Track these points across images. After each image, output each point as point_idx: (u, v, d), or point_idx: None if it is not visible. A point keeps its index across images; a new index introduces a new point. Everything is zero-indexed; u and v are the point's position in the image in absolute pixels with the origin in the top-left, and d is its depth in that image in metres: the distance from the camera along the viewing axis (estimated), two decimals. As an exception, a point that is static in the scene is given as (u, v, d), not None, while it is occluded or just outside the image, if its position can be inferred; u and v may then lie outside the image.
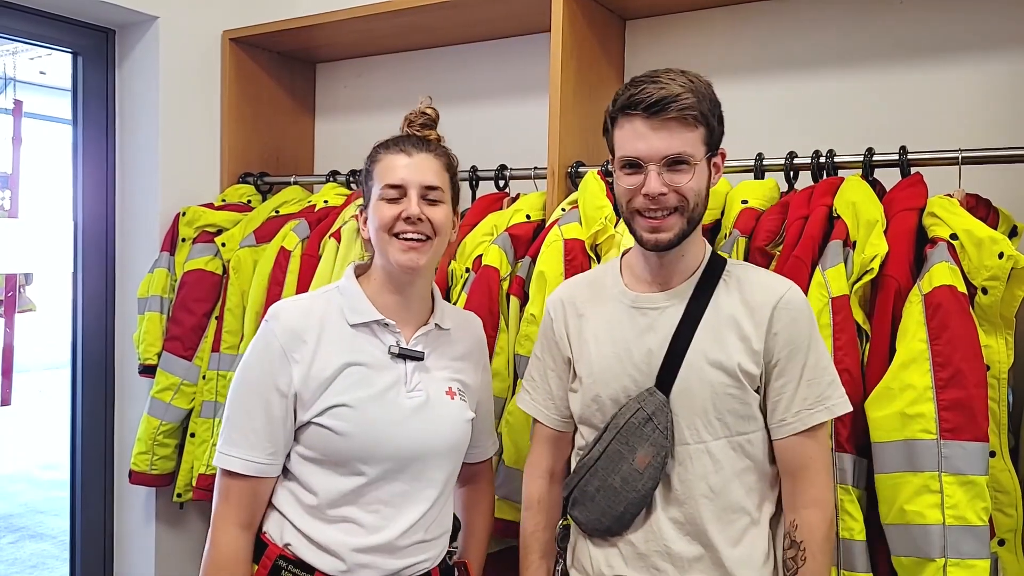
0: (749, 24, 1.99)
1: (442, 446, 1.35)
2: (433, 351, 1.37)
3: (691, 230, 1.25)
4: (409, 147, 1.33)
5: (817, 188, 1.60)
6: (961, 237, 1.38)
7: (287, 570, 1.29)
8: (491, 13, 2.13)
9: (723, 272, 1.30)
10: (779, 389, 1.26)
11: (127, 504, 2.45)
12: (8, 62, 6.13)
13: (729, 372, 1.24)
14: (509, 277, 1.79)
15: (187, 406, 2.24)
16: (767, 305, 1.26)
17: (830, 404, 1.26)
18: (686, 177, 1.21)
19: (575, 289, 1.42)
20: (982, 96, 1.74)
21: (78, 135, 2.40)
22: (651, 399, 1.26)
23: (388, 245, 1.30)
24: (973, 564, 1.27)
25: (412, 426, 1.31)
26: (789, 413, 1.25)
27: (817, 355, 1.26)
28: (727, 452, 1.26)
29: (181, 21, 2.39)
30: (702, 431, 1.26)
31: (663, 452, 1.25)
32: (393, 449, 1.29)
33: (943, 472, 1.29)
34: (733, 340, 1.25)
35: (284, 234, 2.14)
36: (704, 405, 1.25)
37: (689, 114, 1.19)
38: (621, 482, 1.28)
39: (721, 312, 1.27)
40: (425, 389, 1.34)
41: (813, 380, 1.25)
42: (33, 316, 6.49)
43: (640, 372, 1.28)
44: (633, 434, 1.27)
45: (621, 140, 1.25)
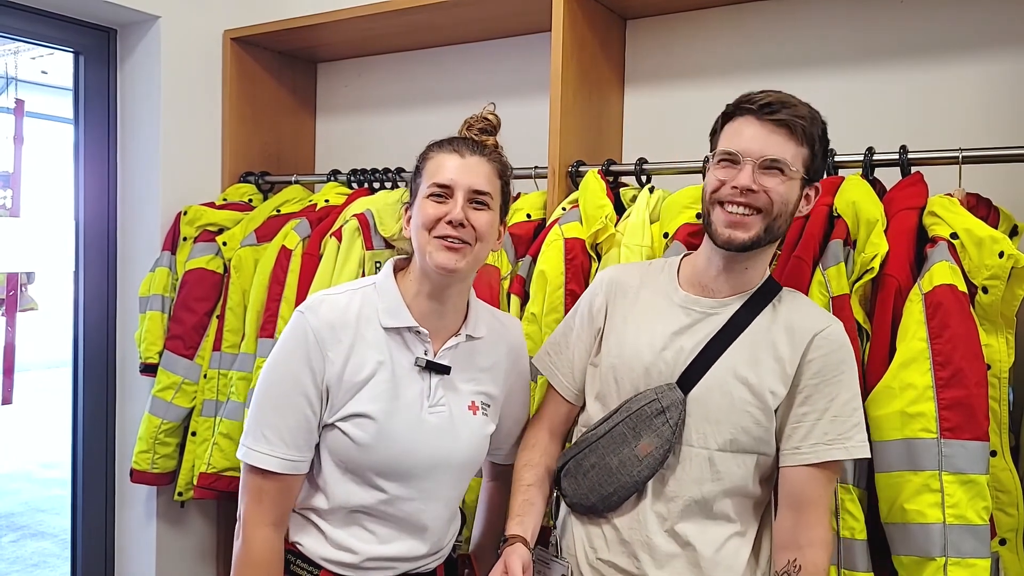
0: (749, 24, 1.99)
1: (457, 463, 1.33)
2: (460, 363, 1.33)
3: (767, 240, 1.25)
4: (463, 149, 1.30)
5: (817, 187, 1.60)
6: (961, 236, 1.38)
7: (296, 564, 1.29)
8: (491, 12, 2.13)
9: (776, 296, 1.31)
10: (800, 416, 1.25)
11: (128, 503, 2.46)
12: (10, 61, 6.13)
13: (755, 391, 1.25)
14: (510, 276, 1.80)
15: (188, 405, 2.24)
16: (808, 332, 1.26)
17: (849, 445, 1.24)
18: (776, 183, 1.22)
19: (627, 273, 1.43)
20: (982, 96, 1.74)
21: (80, 134, 2.41)
22: (669, 393, 1.28)
23: (427, 244, 1.25)
24: (974, 563, 1.27)
25: (431, 443, 1.29)
26: (806, 443, 1.24)
27: (849, 394, 1.25)
28: (729, 467, 1.27)
29: (182, 20, 2.40)
30: (710, 438, 1.27)
31: (666, 446, 1.27)
32: (410, 465, 1.27)
33: (943, 471, 1.29)
34: (768, 361, 1.26)
35: (285, 233, 2.14)
36: (719, 415, 1.26)
37: (799, 124, 1.22)
38: (618, 464, 1.30)
39: (762, 332, 1.27)
40: (448, 404, 1.31)
41: (838, 417, 1.24)
42: (35, 315, 6.50)
43: (667, 365, 1.30)
44: (643, 422, 1.28)
45: (726, 136, 1.27)
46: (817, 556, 1.22)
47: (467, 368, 1.34)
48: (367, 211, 2.03)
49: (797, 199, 1.26)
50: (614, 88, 2.11)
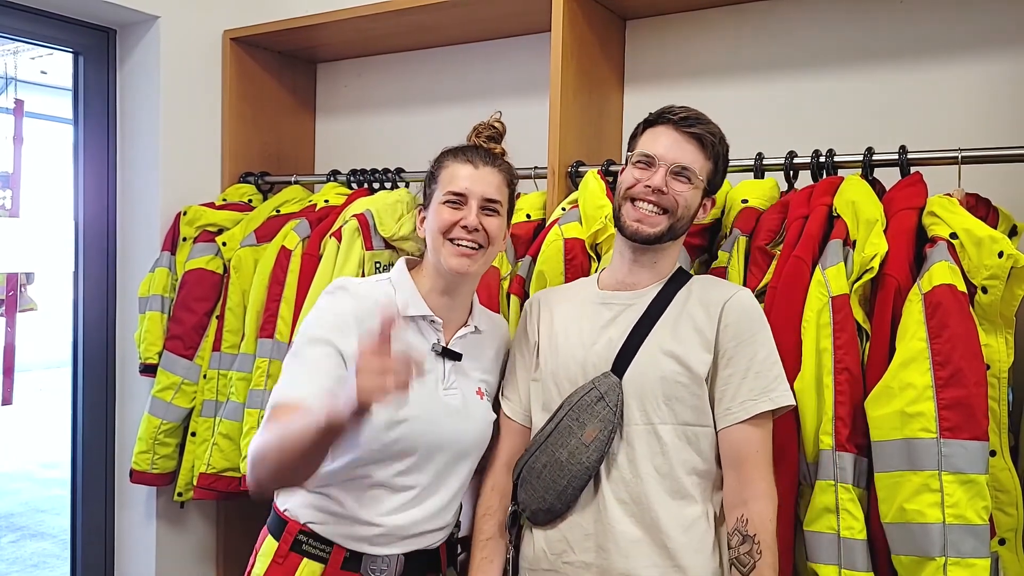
0: (749, 24, 1.99)
1: (472, 444, 1.43)
2: (469, 351, 1.45)
3: (669, 237, 1.38)
4: (476, 159, 1.41)
5: (817, 187, 1.60)
6: (961, 236, 1.39)
7: (308, 543, 1.36)
8: (491, 13, 2.13)
9: (687, 282, 1.42)
10: (726, 379, 1.34)
11: (128, 503, 2.46)
12: (9, 61, 6.13)
13: (682, 362, 1.33)
14: (509, 276, 1.80)
15: (188, 405, 2.24)
16: (719, 301, 1.36)
17: (774, 395, 1.32)
18: (685, 187, 1.36)
19: (552, 291, 1.56)
20: (982, 96, 1.74)
21: (79, 134, 2.41)
22: (605, 380, 1.35)
23: (442, 247, 1.37)
24: (973, 563, 1.27)
25: (449, 423, 1.38)
26: (735, 402, 1.32)
27: (766, 351, 1.34)
28: (673, 439, 1.33)
29: (182, 21, 2.40)
30: (651, 413, 1.34)
31: (610, 427, 1.33)
32: (431, 442, 1.35)
33: (943, 471, 1.29)
34: (689, 333, 1.35)
35: (285, 233, 2.14)
36: (654, 389, 1.33)
37: (709, 139, 1.37)
38: (568, 455, 1.35)
39: (680, 310, 1.38)
40: (460, 388, 1.42)
41: (761, 372, 1.33)
42: (34, 315, 6.49)
43: (599, 358, 1.38)
44: (585, 411, 1.35)
45: (645, 140, 1.40)
46: (762, 507, 1.29)
47: (474, 356, 1.46)
48: (367, 211, 2.03)
49: (697, 206, 1.40)
50: (614, 88, 2.11)
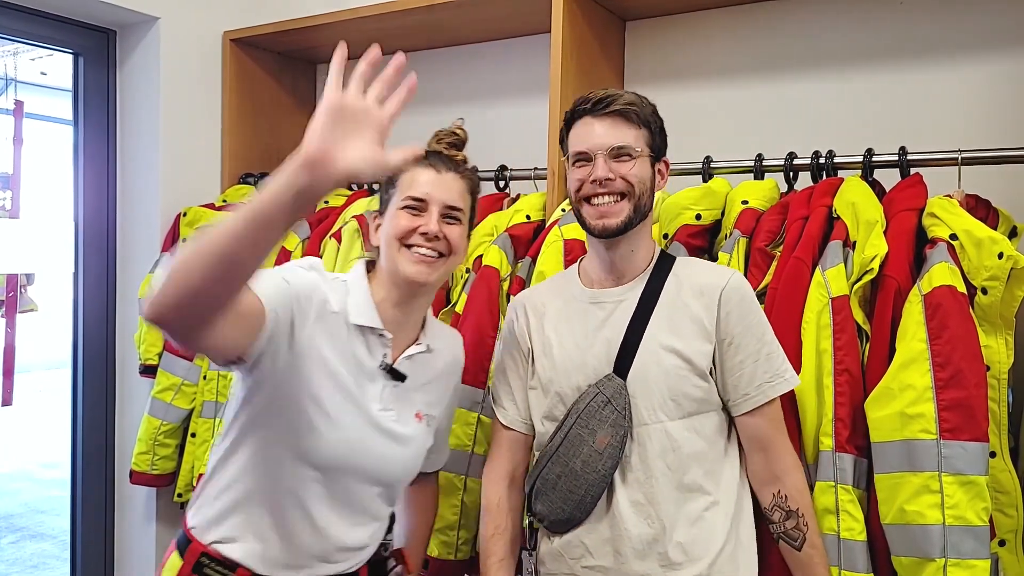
0: (749, 25, 1.99)
1: (399, 470, 1.35)
2: (416, 374, 1.36)
3: (638, 219, 1.34)
4: (439, 164, 1.33)
5: (817, 188, 1.60)
6: (961, 237, 1.38)
7: (209, 566, 1.26)
8: (491, 14, 2.13)
9: (672, 266, 1.38)
10: (738, 365, 1.31)
11: (128, 504, 2.46)
12: (9, 63, 6.13)
13: (682, 356, 1.31)
14: (509, 277, 1.80)
15: (188, 406, 2.24)
16: (715, 287, 1.33)
17: (788, 376, 1.34)
18: (629, 166, 1.32)
19: (535, 292, 1.49)
20: (982, 96, 1.74)
21: (79, 135, 2.41)
22: (609, 383, 1.32)
23: (398, 255, 1.28)
24: (973, 564, 1.27)
25: (377, 445, 1.29)
26: (752, 387, 1.31)
27: (769, 332, 1.35)
28: (684, 433, 1.31)
29: (182, 22, 2.40)
30: (659, 411, 1.31)
31: (621, 431, 1.30)
32: (353, 462, 1.27)
33: (943, 472, 1.29)
34: (686, 323, 1.32)
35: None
36: (659, 387, 1.31)
37: (631, 111, 1.32)
38: (582, 465, 1.32)
39: (673, 300, 1.34)
40: (397, 409, 1.33)
41: (772, 354, 1.33)
42: (34, 316, 6.49)
43: (599, 361, 1.34)
44: (593, 417, 1.31)
45: (572, 140, 1.37)
46: (795, 479, 1.32)
47: (419, 378, 1.37)
48: (367, 212, 2.03)
49: (651, 175, 1.36)
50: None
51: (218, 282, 0.99)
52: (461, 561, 1.71)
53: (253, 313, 1.13)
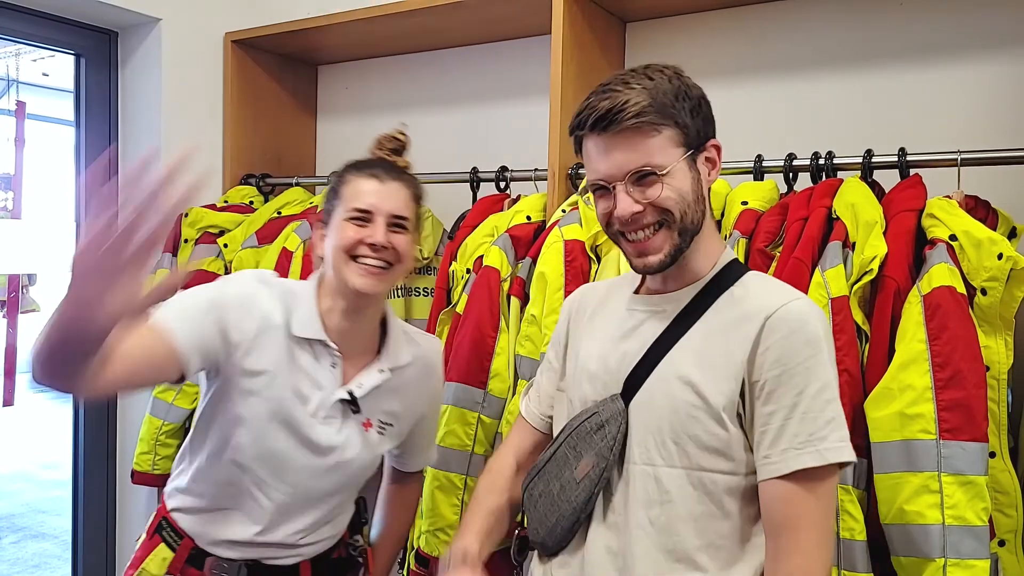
0: (749, 26, 1.99)
1: (337, 482, 1.36)
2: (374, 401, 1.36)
3: (687, 244, 1.10)
4: (381, 173, 1.32)
5: (816, 189, 1.60)
6: (960, 238, 1.39)
7: (166, 530, 1.37)
8: (492, 15, 2.13)
9: (736, 281, 1.12)
10: (766, 418, 1.04)
11: (129, 504, 2.46)
12: (11, 63, 6.14)
13: (698, 391, 1.06)
14: (510, 278, 1.80)
15: (190, 406, 2.24)
16: (760, 314, 1.05)
17: (823, 447, 1.01)
18: (658, 189, 1.06)
19: (593, 289, 1.32)
20: (982, 97, 1.75)
21: (80, 136, 2.41)
22: (610, 405, 1.12)
23: (345, 266, 1.28)
24: (973, 564, 1.27)
25: (299, 457, 1.31)
26: (775, 450, 1.03)
27: (819, 383, 1.03)
28: (682, 486, 1.06)
29: (183, 23, 2.40)
30: (652, 452, 1.08)
31: (603, 464, 1.10)
32: (277, 473, 1.31)
33: (942, 472, 1.29)
34: (716, 354, 1.07)
35: (286, 235, 2.14)
36: (660, 423, 1.08)
37: (643, 121, 1.05)
38: (559, 489, 1.14)
39: (714, 323, 1.09)
40: (339, 417, 1.34)
41: (809, 414, 1.02)
42: (36, 317, 6.50)
43: (611, 376, 1.14)
44: (583, 439, 1.13)
45: (586, 162, 1.13)
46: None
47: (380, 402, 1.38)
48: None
49: (694, 181, 1.09)
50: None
51: (65, 361, 0.96)
52: (462, 561, 1.72)
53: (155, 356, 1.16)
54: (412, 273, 2.16)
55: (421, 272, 2.19)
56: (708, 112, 1.12)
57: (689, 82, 1.11)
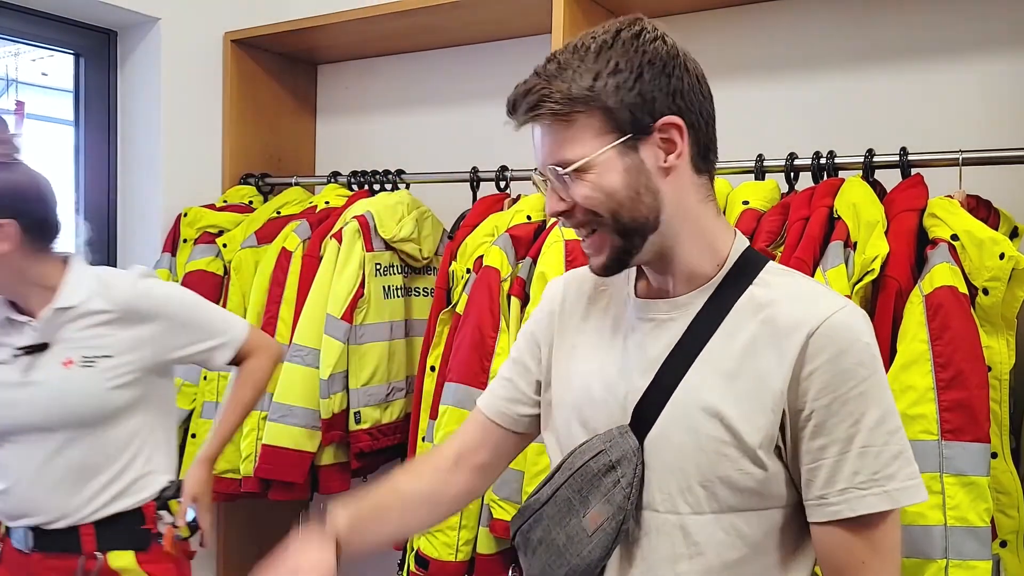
0: (749, 25, 1.99)
1: (34, 414, 1.45)
2: (58, 334, 1.45)
3: (635, 244, 0.93)
4: None
5: (818, 189, 1.60)
6: (962, 238, 1.39)
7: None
8: (492, 15, 2.13)
9: (754, 279, 0.94)
10: (817, 453, 0.88)
11: (128, 505, 2.45)
12: (10, 63, 6.13)
13: (728, 425, 0.89)
14: (510, 278, 1.79)
15: (188, 407, 2.24)
16: (801, 329, 0.88)
17: (891, 487, 0.87)
18: (578, 186, 0.91)
19: (579, 281, 1.10)
20: (982, 96, 1.74)
21: (80, 136, 2.41)
22: (620, 442, 0.94)
23: None
24: (974, 565, 1.27)
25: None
26: (833, 490, 0.87)
27: (880, 412, 0.87)
28: (713, 533, 0.91)
29: (182, 22, 2.40)
30: (677, 498, 0.92)
31: (620, 516, 0.92)
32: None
33: (944, 473, 1.29)
34: (746, 377, 0.90)
35: (285, 235, 2.14)
36: (683, 464, 0.91)
37: (553, 108, 0.90)
38: (566, 540, 0.96)
39: (737, 339, 0.91)
40: (27, 362, 1.44)
41: (870, 448, 0.87)
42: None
43: (618, 401, 0.96)
44: (589, 482, 0.95)
45: None
46: None
47: (66, 332, 1.46)
48: (367, 213, 2.03)
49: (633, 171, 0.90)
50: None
51: None
52: (462, 562, 1.71)
53: None
54: (412, 273, 2.16)
55: (421, 272, 2.18)
56: (662, 83, 0.91)
57: (633, 47, 0.92)
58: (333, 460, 2.05)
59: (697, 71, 0.98)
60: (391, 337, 2.08)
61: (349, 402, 2.01)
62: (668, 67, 0.93)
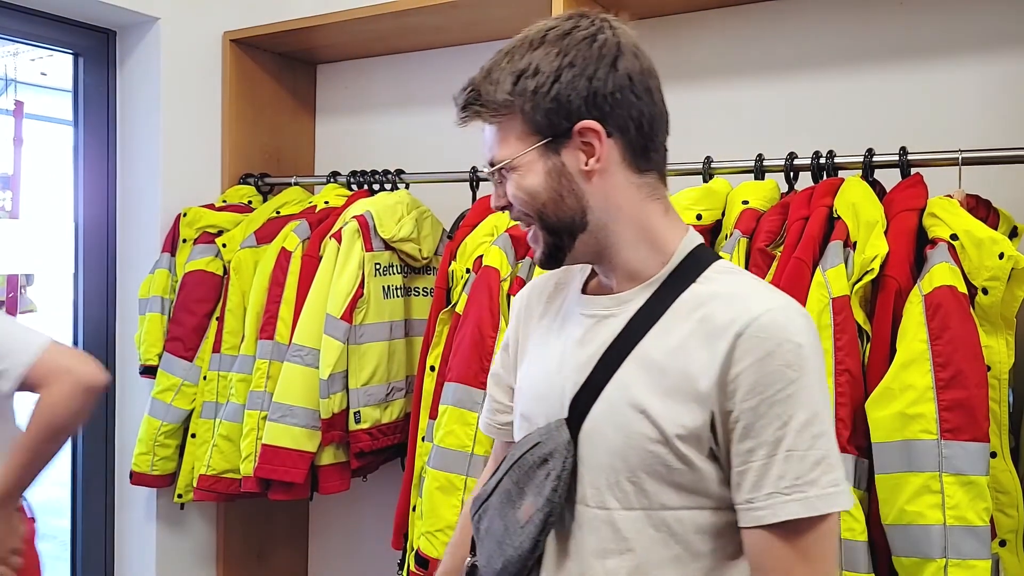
0: (749, 25, 1.99)
1: None
2: None
3: (565, 242, 0.96)
4: None
5: (817, 189, 1.60)
6: (961, 238, 1.39)
7: None
8: (492, 15, 2.13)
9: (698, 277, 0.94)
10: (745, 456, 0.88)
11: (128, 504, 2.45)
12: (9, 63, 6.13)
13: (654, 422, 0.89)
14: (510, 278, 1.79)
15: (188, 407, 2.24)
16: (730, 327, 0.87)
17: (812, 494, 0.85)
18: (508, 184, 0.96)
19: (538, 284, 1.14)
20: (982, 96, 1.74)
21: (79, 136, 2.41)
22: (555, 435, 0.95)
23: None
24: (974, 564, 1.27)
25: None
26: (760, 494, 0.87)
27: (807, 415, 0.86)
28: (642, 530, 0.91)
29: (182, 22, 2.39)
30: (605, 493, 0.92)
31: (547, 508, 0.93)
32: None
33: (944, 472, 1.29)
34: (675, 374, 0.90)
35: (285, 235, 2.14)
36: (612, 460, 0.91)
37: (480, 110, 0.97)
38: (503, 531, 0.98)
39: (670, 334, 0.92)
40: None
41: (794, 452, 0.85)
42: (34, 317, 6.49)
43: (557, 396, 0.98)
44: (525, 474, 0.97)
45: None
46: None
47: None
48: (367, 213, 2.03)
49: (554, 174, 0.93)
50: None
51: None
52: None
53: None
54: (412, 273, 2.16)
55: (421, 272, 2.19)
56: (580, 87, 0.91)
57: (556, 48, 0.94)
58: (333, 460, 2.06)
59: (631, 70, 0.95)
60: (391, 337, 2.08)
61: (349, 402, 2.01)
62: (589, 69, 0.92)
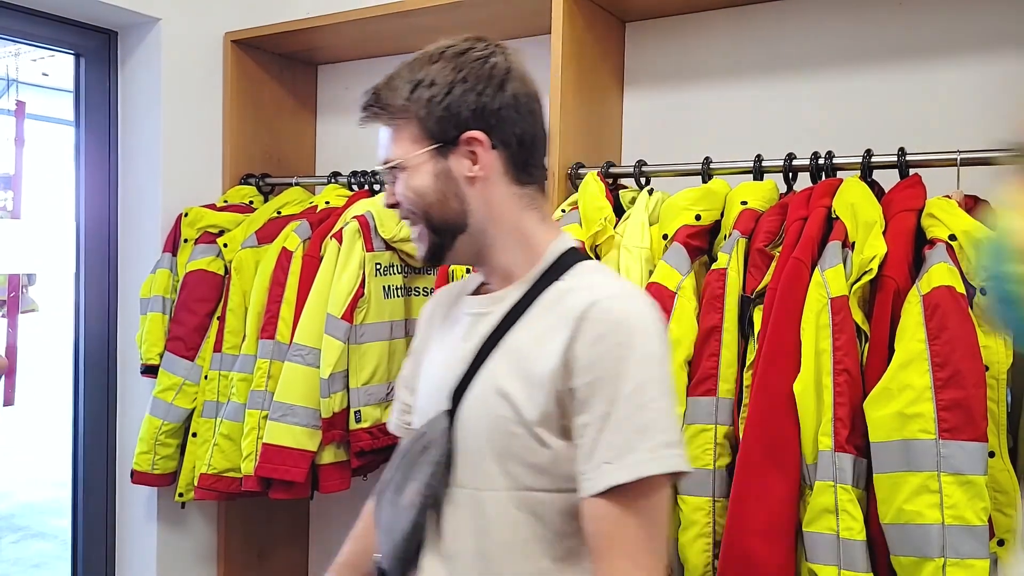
0: (748, 26, 1.99)
1: None
2: None
3: (446, 241, 1.05)
4: None
5: (816, 189, 1.61)
6: (960, 238, 1.39)
7: None
8: (491, 15, 2.13)
9: (563, 275, 1.03)
10: (581, 430, 0.94)
11: (129, 504, 2.46)
12: (11, 63, 6.14)
13: (512, 404, 0.97)
14: (509, 278, 1.80)
15: (189, 406, 2.24)
16: (574, 313, 0.95)
17: (632, 459, 0.89)
18: (398, 183, 1.05)
19: (444, 293, 1.24)
20: (982, 97, 1.75)
21: (80, 136, 2.41)
22: (436, 424, 1.03)
23: None
24: (972, 564, 1.27)
25: None
26: (590, 465, 0.92)
27: (632, 386, 0.91)
28: (508, 510, 0.97)
29: (183, 23, 2.40)
30: (476, 475, 0.99)
31: (426, 491, 1.00)
32: None
33: (942, 472, 1.29)
34: (535, 359, 0.98)
35: (286, 235, 2.14)
36: (479, 443, 0.99)
37: (378, 113, 1.05)
38: (391, 517, 1.05)
39: (535, 326, 1.00)
40: None
41: (620, 422, 0.91)
42: (36, 317, 6.50)
43: (442, 392, 1.05)
44: (411, 463, 1.04)
45: None
46: None
47: None
48: (368, 213, 2.04)
49: (442, 177, 1.02)
50: (613, 90, 2.12)
51: None
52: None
53: None
54: (412, 273, 2.17)
55: (421, 272, 2.19)
56: (470, 100, 1.00)
57: (452, 64, 1.02)
58: (333, 459, 2.06)
59: (518, 92, 1.04)
60: (391, 337, 2.08)
61: (349, 401, 2.01)
62: (479, 86, 1.01)
